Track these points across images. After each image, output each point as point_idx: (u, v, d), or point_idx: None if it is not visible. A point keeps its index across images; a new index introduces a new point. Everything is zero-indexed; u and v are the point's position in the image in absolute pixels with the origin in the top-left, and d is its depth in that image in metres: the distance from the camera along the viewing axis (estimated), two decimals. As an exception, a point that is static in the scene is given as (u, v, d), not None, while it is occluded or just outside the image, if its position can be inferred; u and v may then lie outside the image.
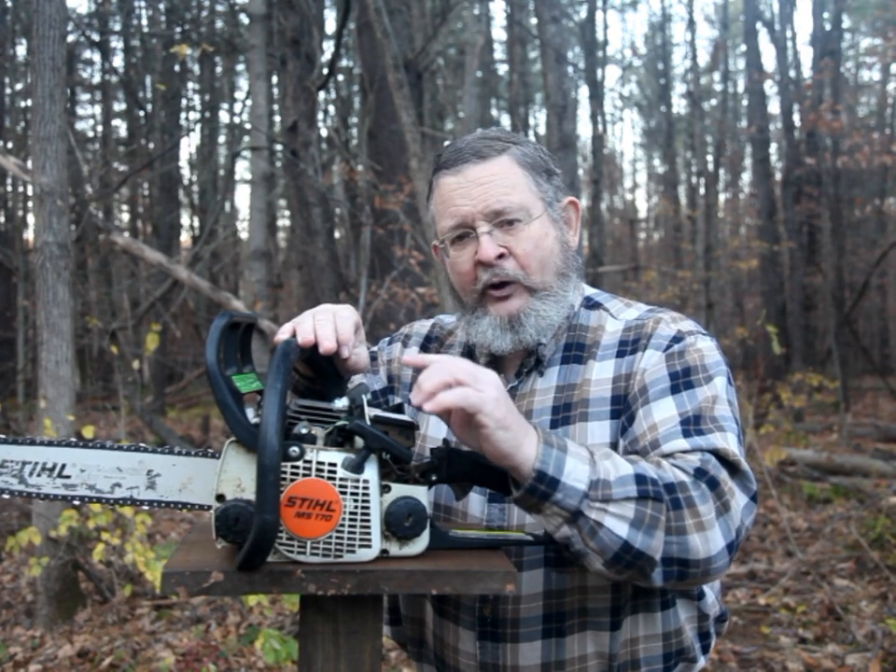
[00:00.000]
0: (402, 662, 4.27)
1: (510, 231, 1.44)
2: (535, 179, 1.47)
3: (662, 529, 1.16)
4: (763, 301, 16.06)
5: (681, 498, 1.17)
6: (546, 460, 1.14)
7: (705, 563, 1.18)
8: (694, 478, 1.20)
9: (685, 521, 1.17)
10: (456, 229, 1.46)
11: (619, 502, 1.15)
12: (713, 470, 1.21)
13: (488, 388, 1.13)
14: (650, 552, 1.16)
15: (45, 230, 4.61)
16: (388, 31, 5.97)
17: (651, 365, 1.39)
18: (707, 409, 1.31)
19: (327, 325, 1.26)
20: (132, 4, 14.50)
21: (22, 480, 1.26)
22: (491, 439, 1.13)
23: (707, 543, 1.18)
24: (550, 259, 1.47)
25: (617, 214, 29.64)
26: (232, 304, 7.73)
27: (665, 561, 1.18)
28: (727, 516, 1.20)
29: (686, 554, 1.17)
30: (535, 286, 1.45)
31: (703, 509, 1.18)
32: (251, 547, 1.08)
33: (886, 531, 5.72)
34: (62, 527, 4.33)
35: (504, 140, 1.48)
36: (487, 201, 1.42)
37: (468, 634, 1.45)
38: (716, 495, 1.20)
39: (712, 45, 20.69)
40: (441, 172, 1.49)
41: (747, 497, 1.25)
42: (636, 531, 1.15)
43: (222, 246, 15.56)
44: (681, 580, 1.20)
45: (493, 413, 1.12)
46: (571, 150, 8.28)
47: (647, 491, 1.16)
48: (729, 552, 1.20)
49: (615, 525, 1.15)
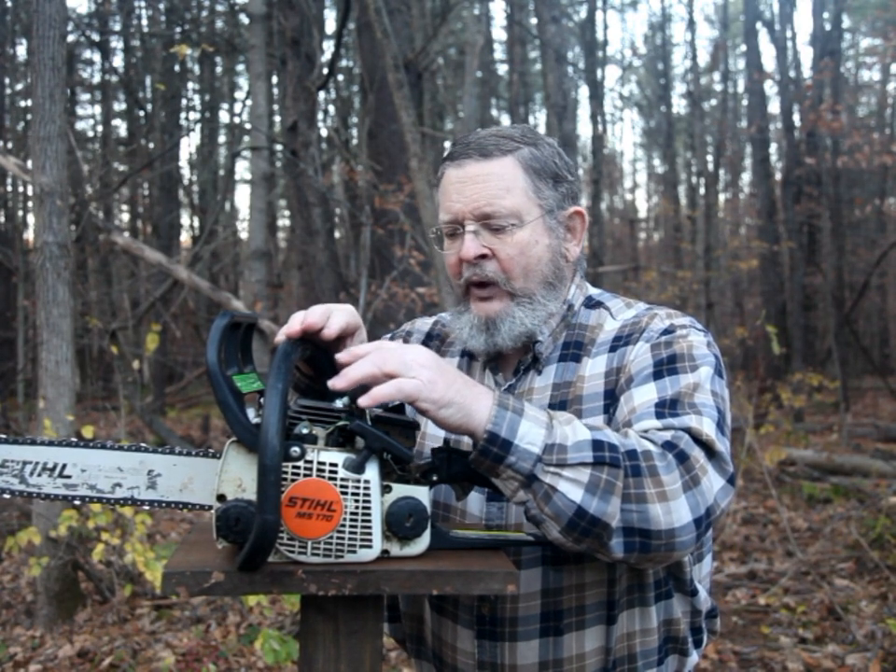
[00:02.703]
0: (402, 662, 4.27)
1: (497, 234, 1.43)
2: (535, 185, 1.46)
3: (617, 495, 1.13)
4: (763, 300, 16.05)
5: (643, 466, 1.15)
6: (498, 422, 1.15)
7: (667, 535, 1.15)
8: (662, 449, 1.18)
9: (645, 489, 1.14)
10: (448, 224, 1.47)
11: (574, 467, 1.13)
12: (684, 446, 1.19)
13: (420, 372, 1.14)
14: (605, 518, 1.13)
15: (45, 230, 4.61)
16: (388, 31, 5.97)
17: (639, 355, 1.39)
18: (685, 395, 1.30)
19: (316, 311, 1.27)
20: (132, 4, 14.50)
21: (23, 480, 1.26)
22: (438, 418, 1.15)
23: (670, 514, 1.14)
24: (536, 267, 1.46)
25: (617, 214, 29.66)
26: (232, 304, 7.73)
27: (626, 531, 1.15)
28: (696, 491, 1.17)
29: (647, 524, 1.14)
30: (515, 291, 1.45)
31: (666, 478, 1.15)
32: (252, 547, 1.08)
33: (886, 531, 5.73)
34: (61, 527, 4.33)
35: (517, 140, 1.46)
36: (478, 202, 1.42)
37: (466, 632, 1.45)
38: (684, 468, 1.17)
39: (712, 45, 20.72)
40: (446, 163, 1.50)
41: (722, 480, 1.22)
42: (590, 496, 1.13)
43: (222, 246, 15.56)
44: (644, 552, 1.17)
45: (429, 396, 1.13)
46: (571, 150, 8.29)
47: (603, 457, 1.14)
48: (696, 527, 1.17)
49: (569, 490, 1.13)
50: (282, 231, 23.47)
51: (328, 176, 10.19)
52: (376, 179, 9.05)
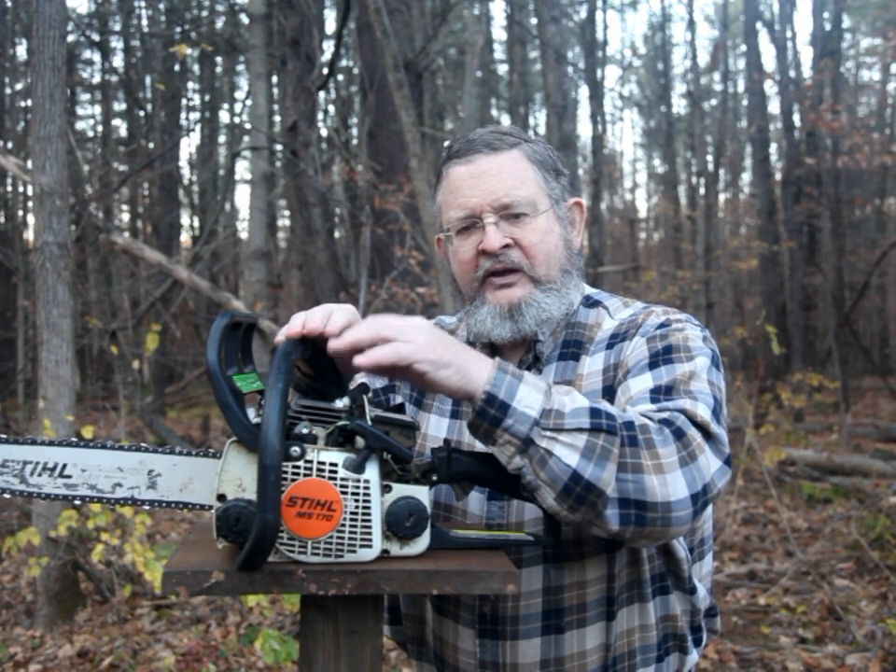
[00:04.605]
0: (402, 662, 4.27)
1: (516, 224, 1.45)
2: (543, 176, 1.49)
3: (613, 462, 1.13)
4: (763, 300, 16.05)
5: (640, 438, 1.15)
6: (497, 384, 1.15)
7: (663, 508, 1.14)
8: (659, 425, 1.18)
9: (642, 460, 1.14)
10: (464, 220, 1.47)
11: (570, 432, 1.14)
12: (680, 424, 1.19)
13: (416, 336, 1.15)
14: (600, 484, 1.13)
15: (45, 230, 4.61)
16: (388, 31, 5.97)
17: (636, 348, 1.40)
18: (681, 381, 1.30)
19: (317, 313, 1.27)
20: (132, 4, 14.49)
21: (24, 480, 1.26)
22: (436, 380, 1.15)
23: (666, 487, 1.14)
24: (554, 254, 1.48)
25: (617, 214, 29.66)
26: (232, 304, 7.73)
27: (622, 502, 1.14)
28: (693, 466, 1.17)
29: (643, 495, 1.14)
30: (539, 277, 1.47)
31: (663, 451, 1.15)
32: (252, 547, 1.08)
33: (886, 531, 5.72)
34: (61, 527, 4.33)
35: (515, 136, 1.50)
36: (496, 193, 1.44)
37: (467, 632, 1.45)
38: (681, 444, 1.17)
39: (712, 45, 20.71)
40: (451, 161, 1.50)
41: (719, 461, 1.22)
42: (586, 461, 1.13)
43: (222, 246, 15.56)
44: (640, 525, 1.16)
45: (426, 357, 1.14)
46: (571, 150, 8.30)
47: (600, 423, 1.14)
48: (693, 503, 1.16)
49: (565, 454, 1.13)
50: (282, 230, 23.48)
51: (328, 176, 10.18)
52: (376, 179, 9.05)
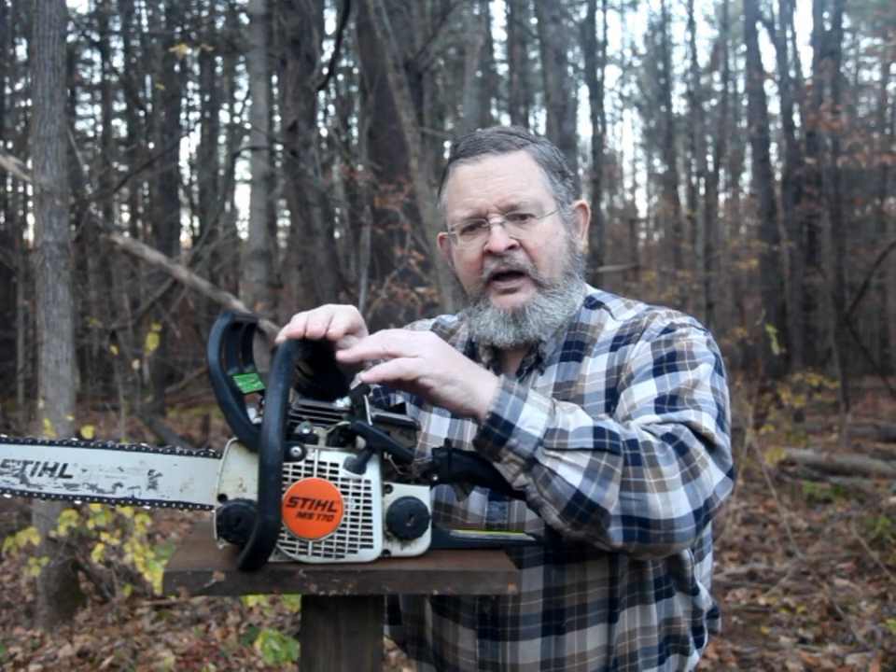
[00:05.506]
0: (402, 662, 4.27)
1: (522, 225, 1.45)
2: (550, 177, 1.49)
3: (616, 482, 1.14)
4: (763, 300, 16.05)
5: (643, 456, 1.16)
6: (502, 404, 1.16)
7: (666, 525, 1.15)
8: (662, 441, 1.19)
9: (645, 478, 1.15)
10: (469, 219, 1.46)
11: (574, 452, 1.15)
12: (684, 438, 1.20)
13: (423, 351, 1.16)
14: (603, 503, 1.14)
15: (45, 230, 4.61)
16: (388, 31, 5.96)
17: (640, 353, 1.40)
18: (685, 391, 1.30)
19: (319, 315, 1.27)
20: (132, 4, 14.49)
21: (24, 479, 1.26)
22: (440, 396, 1.17)
23: (669, 505, 1.15)
24: (558, 257, 1.48)
25: (617, 214, 29.66)
26: (232, 304, 7.72)
27: (625, 519, 1.15)
28: (696, 482, 1.18)
29: (646, 513, 1.15)
30: (543, 280, 1.46)
31: (666, 469, 1.16)
32: (253, 547, 1.08)
33: (886, 531, 5.72)
34: (61, 527, 4.33)
35: (523, 136, 1.50)
36: (503, 193, 1.43)
37: (467, 632, 1.45)
38: (684, 460, 1.18)
39: (712, 45, 20.70)
40: (458, 160, 1.49)
41: (722, 473, 1.23)
42: (589, 481, 1.14)
43: (222, 246, 15.55)
44: (643, 542, 1.17)
45: (431, 372, 1.15)
46: (571, 150, 8.29)
47: (603, 443, 1.15)
48: (695, 519, 1.17)
49: (568, 474, 1.14)
50: (282, 230, 23.47)
51: (328, 176, 10.18)
52: (376, 179, 9.05)
